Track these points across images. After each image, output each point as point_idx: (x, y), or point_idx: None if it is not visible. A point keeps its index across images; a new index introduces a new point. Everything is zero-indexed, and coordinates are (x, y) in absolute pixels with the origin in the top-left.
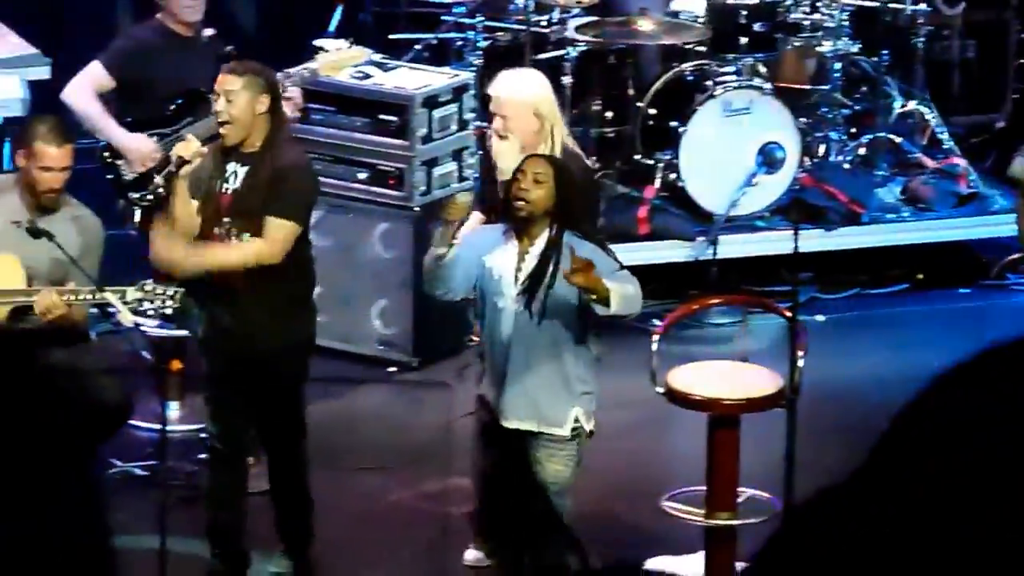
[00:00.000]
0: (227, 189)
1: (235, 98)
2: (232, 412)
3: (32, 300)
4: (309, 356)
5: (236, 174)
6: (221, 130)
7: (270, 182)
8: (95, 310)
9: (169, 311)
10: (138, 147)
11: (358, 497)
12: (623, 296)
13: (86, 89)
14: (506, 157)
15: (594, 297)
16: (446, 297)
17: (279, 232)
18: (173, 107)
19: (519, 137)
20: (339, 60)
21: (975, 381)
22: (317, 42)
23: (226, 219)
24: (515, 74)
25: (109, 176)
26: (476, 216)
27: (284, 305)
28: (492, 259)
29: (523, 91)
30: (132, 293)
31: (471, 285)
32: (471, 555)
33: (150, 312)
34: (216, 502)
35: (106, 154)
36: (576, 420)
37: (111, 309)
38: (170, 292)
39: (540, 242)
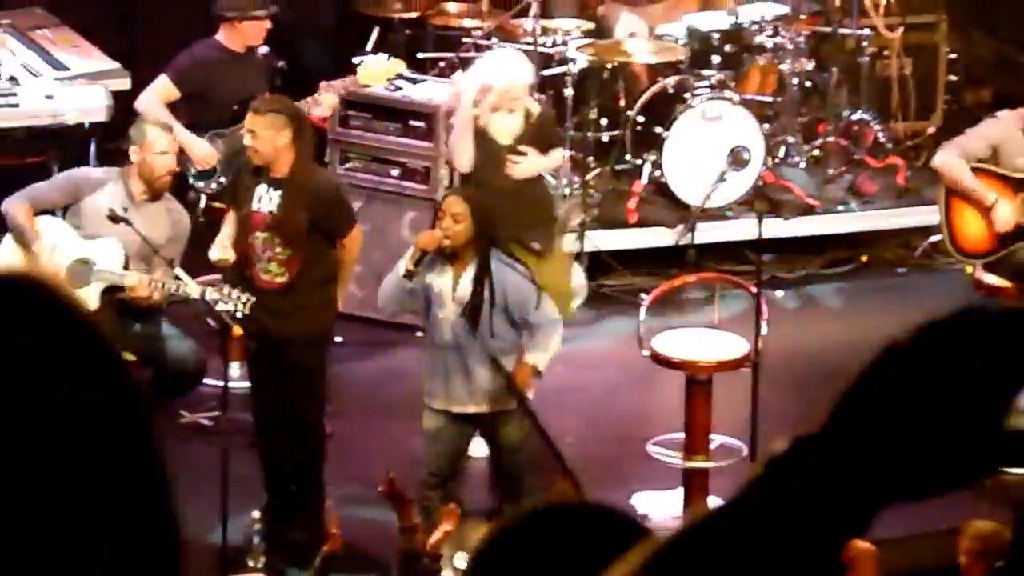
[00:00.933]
0: (259, 208)
1: (258, 134)
2: (264, 387)
3: (124, 281)
4: (327, 345)
5: (270, 197)
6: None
7: (318, 205)
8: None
9: (239, 314)
10: (198, 150)
11: (390, 440)
12: (549, 357)
13: (155, 99)
14: (513, 128)
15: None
16: (396, 311)
17: (358, 237)
18: (233, 111)
19: (520, 110)
20: (377, 72)
21: (920, 348)
22: (356, 59)
23: (260, 233)
24: (511, 60)
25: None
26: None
27: (309, 299)
28: (432, 277)
29: (526, 74)
30: (211, 293)
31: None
32: None
33: (224, 311)
34: (265, 464)
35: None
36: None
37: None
38: (244, 298)
39: (471, 269)
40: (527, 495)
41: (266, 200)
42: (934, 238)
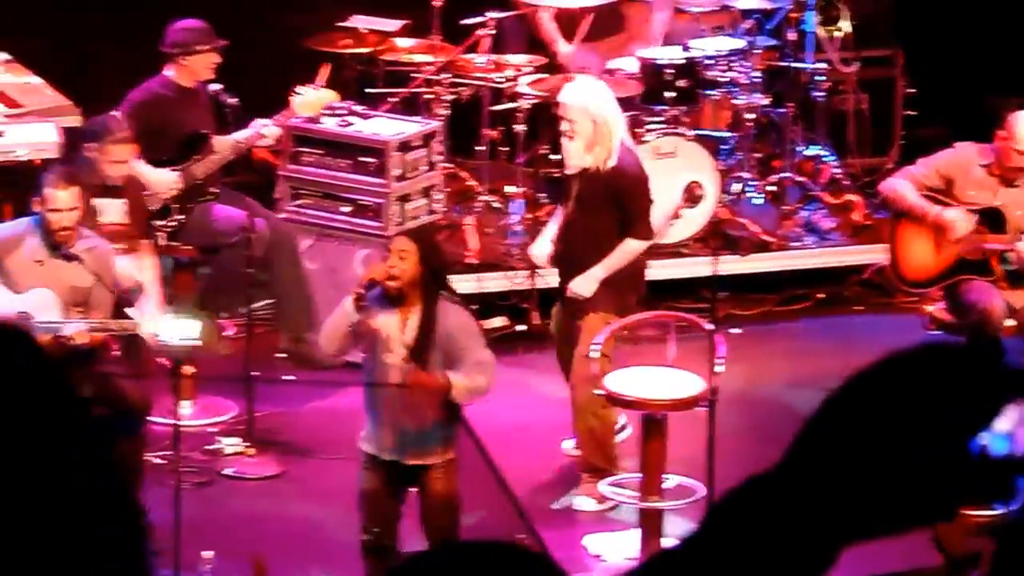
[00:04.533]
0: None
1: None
2: None
3: (67, 328)
4: None
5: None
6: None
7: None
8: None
9: (188, 343)
10: (161, 180)
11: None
12: (469, 389)
13: None
14: (572, 155)
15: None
16: (336, 357)
17: None
18: (182, 147)
19: (582, 138)
20: (311, 101)
21: (879, 384)
22: (296, 88)
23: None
24: (579, 83)
25: None
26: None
27: None
28: (379, 321)
29: (583, 99)
30: (147, 328)
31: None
32: None
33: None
34: None
35: None
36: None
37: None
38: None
39: (416, 312)
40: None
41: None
42: (878, 263)
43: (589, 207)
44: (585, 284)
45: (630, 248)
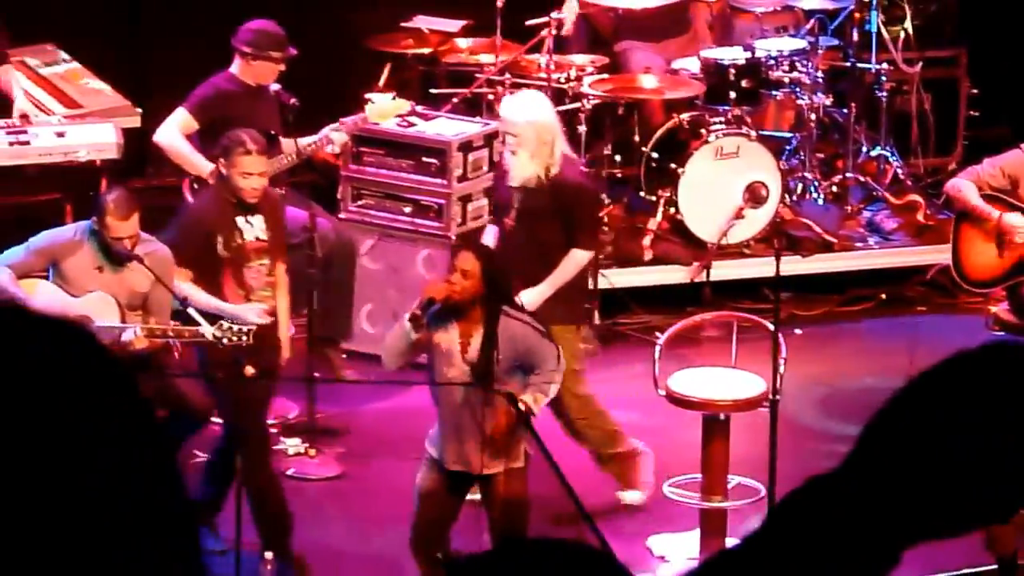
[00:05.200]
0: (246, 238)
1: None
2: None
3: (127, 332)
4: None
5: (251, 223)
6: (252, 198)
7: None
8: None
9: (243, 346)
10: None
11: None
12: (544, 400)
13: (175, 131)
14: (515, 168)
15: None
16: (397, 367)
17: None
18: None
19: (526, 150)
20: (385, 109)
21: (943, 385)
22: (368, 95)
23: (254, 263)
24: (520, 97)
25: None
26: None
27: None
28: (439, 336)
29: (526, 113)
30: (209, 331)
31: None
32: None
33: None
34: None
35: (195, 185)
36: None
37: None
38: (244, 331)
39: (478, 328)
40: None
41: (249, 229)
42: (941, 263)
43: (533, 220)
44: (532, 298)
45: (576, 259)
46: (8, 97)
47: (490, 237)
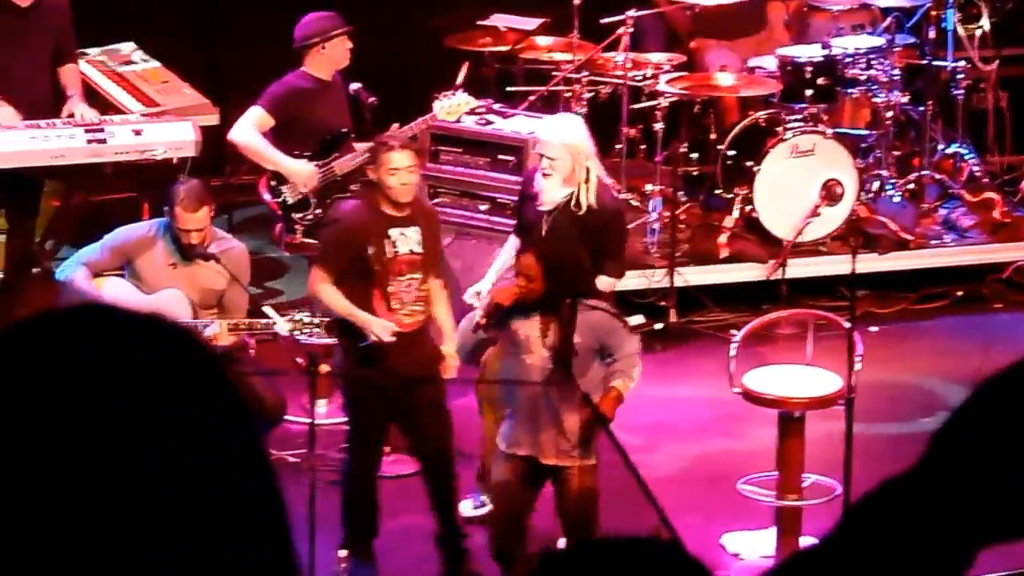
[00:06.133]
0: (399, 250)
1: (414, 169)
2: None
3: (207, 329)
4: None
5: (405, 236)
6: (405, 196)
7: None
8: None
9: (315, 340)
10: (302, 171)
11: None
12: (632, 385)
13: (250, 128)
14: (548, 191)
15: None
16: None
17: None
18: (323, 143)
19: (560, 174)
20: (453, 107)
21: (1020, 384)
22: (436, 93)
23: (406, 276)
24: (556, 120)
25: (275, 200)
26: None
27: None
28: (518, 324)
29: (563, 135)
30: (283, 326)
31: None
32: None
33: (301, 338)
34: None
35: (273, 182)
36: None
37: (270, 321)
38: (316, 322)
39: (556, 318)
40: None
41: (402, 242)
42: (1018, 261)
43: (563, 243)
44: (606, 282)
45: (601, 284)
46: (65, 93)
47: (509, 249)
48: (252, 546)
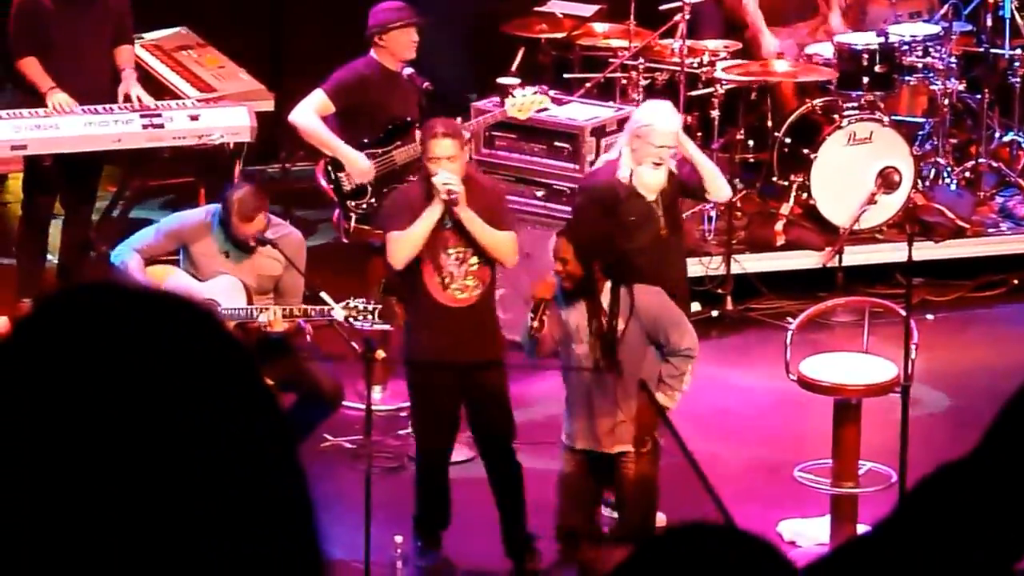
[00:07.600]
0: (445, 224)
1: (455, 159)
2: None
3: (262, 315)
4: None
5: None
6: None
7: (492, 205)
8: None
9: (370, 326)
10: (358, 163)
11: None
12: (679, 396)
13: (311, 112)
14: (659, 181)
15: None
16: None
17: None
18: (386, 131)
19: (673, 161)
20: (525, 104)
21: None
22: (501, 80)
23: (452, 250)
24: (666, 108)
25: (331, 186)
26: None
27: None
28: (567, 314)
29: (676, 123)
30: (339, 312)
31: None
32: None
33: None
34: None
35: (329, 168)
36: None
37: (326, 307)
38: (371, 309)
39: (604, 298)
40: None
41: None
42: None
43: (678, 225)
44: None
45: (721, 194)
46: (120, 75)
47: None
48: (274, 533)
